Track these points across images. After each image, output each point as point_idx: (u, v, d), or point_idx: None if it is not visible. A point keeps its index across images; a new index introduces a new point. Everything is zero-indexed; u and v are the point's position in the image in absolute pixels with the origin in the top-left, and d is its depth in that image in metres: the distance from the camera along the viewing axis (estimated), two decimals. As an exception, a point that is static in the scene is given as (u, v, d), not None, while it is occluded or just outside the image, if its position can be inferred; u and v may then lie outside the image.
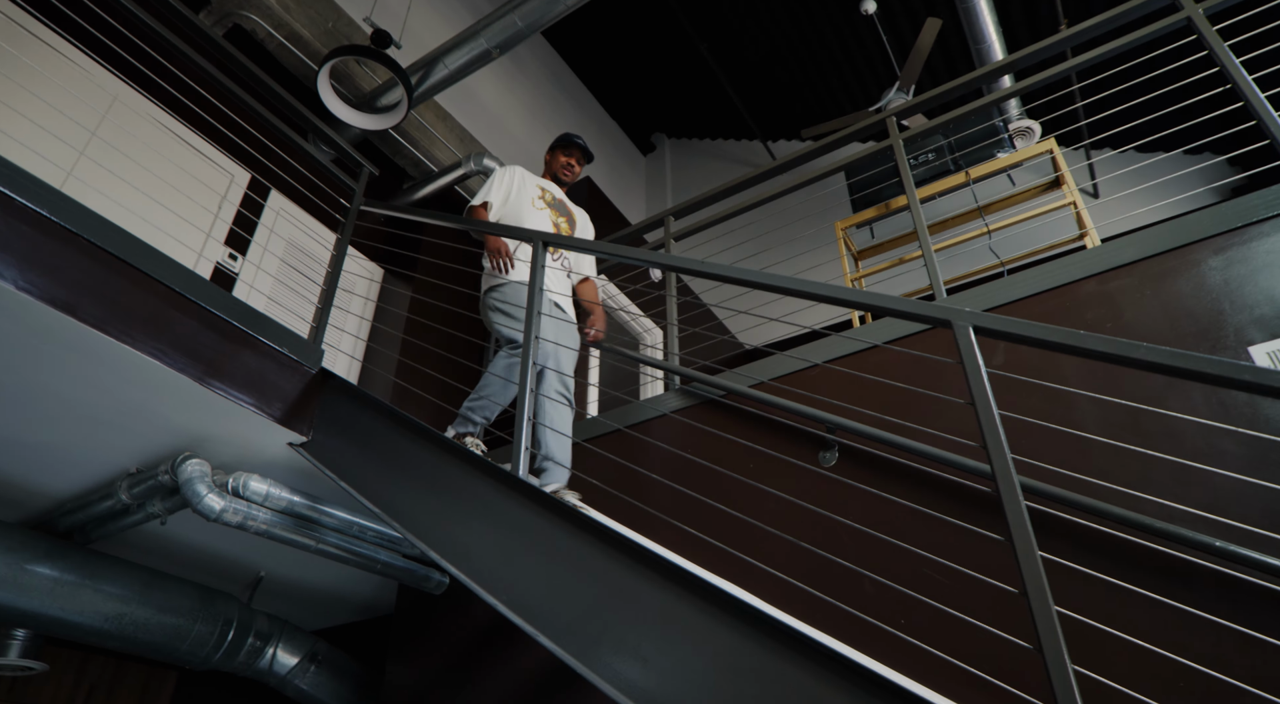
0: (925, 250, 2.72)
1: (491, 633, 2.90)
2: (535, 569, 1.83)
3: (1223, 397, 2.04)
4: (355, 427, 2.56)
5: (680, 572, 1.59)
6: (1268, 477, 1.83)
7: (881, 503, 2.23)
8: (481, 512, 2.01)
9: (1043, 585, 1.24)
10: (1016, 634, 1.57)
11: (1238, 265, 2.20)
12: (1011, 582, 1.45)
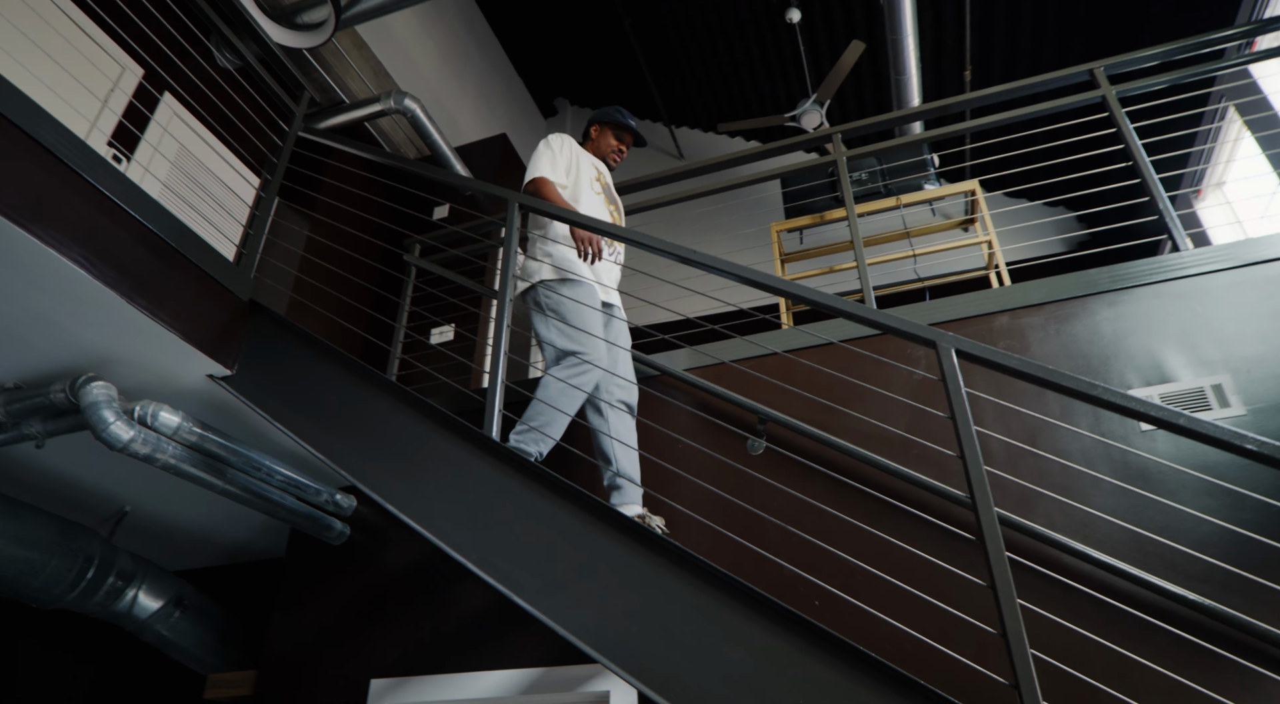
0: (860, 263, 2.94)
1: (392, 589, 2.86)
2: (506, 531, 1.86)
3: (1105, 428, 2.38)
4: (289, 366, 2.44)
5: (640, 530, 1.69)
6: (1134, 501, 2.17)
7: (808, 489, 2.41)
8: (446, 468, 2.00)
9: (1008, 580, 1.43)
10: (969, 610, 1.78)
11: (1125, 320, 2.55)
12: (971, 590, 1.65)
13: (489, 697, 2.52)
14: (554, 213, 2.41)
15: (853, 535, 2.11)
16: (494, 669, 2.56)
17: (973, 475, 1.55)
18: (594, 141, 3.10)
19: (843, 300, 1.81)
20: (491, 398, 2.04)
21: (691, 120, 8.65)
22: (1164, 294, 2.57)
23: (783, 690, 1.49)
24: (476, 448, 1.99)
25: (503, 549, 1.84)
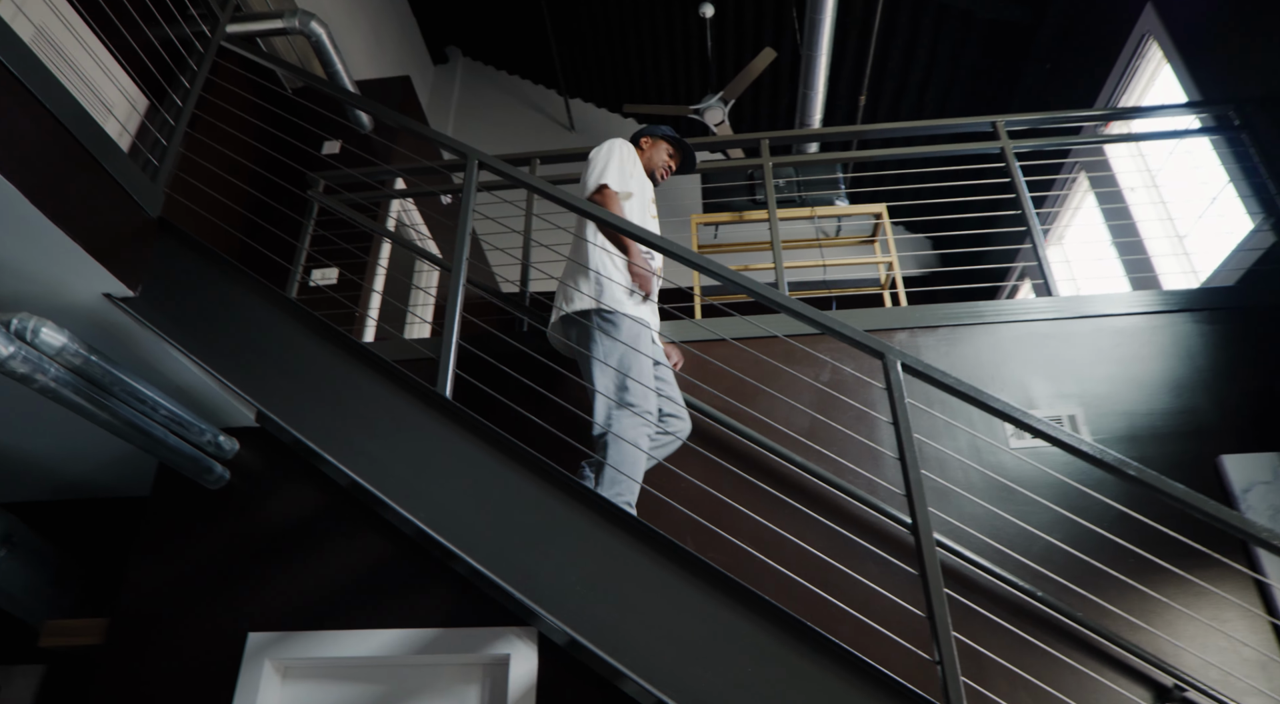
0: (778, 264, 3.12)
1: (276, 540, 2.72)
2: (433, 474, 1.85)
3: (979, 443, 2.69)
4: (201, 294, 2.26)
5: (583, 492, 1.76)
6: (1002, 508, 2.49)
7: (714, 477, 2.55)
8: (387, 418, 1.95)
9: (938, 569, 1.63)
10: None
11: (1003, 350, 2.89)
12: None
13: (381, 655, 2.47)
14: (622, 227, 2.22)
15: (768, 517, 2.27)
16: (388, 627, 2.52)
17: (911, 477, 1.73)
18: (645, 154, 2.93)
19: (803, 304, 1.94)
20: (445, 357, 2.01)
21: (587, 93, 8.62)
22: (1035, 332, 2.94)
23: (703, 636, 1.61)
24: (414, 396, 1.95)
25: (433, 493, 1.83)
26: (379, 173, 3.80)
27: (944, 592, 1.61)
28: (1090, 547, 2.26)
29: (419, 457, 1.87)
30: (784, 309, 2.04)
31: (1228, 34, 3.55)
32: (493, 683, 2.49)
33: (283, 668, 2.55)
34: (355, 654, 2.47)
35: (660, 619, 1.64)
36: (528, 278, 3.19)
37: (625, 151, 2.74)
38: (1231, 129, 3.38)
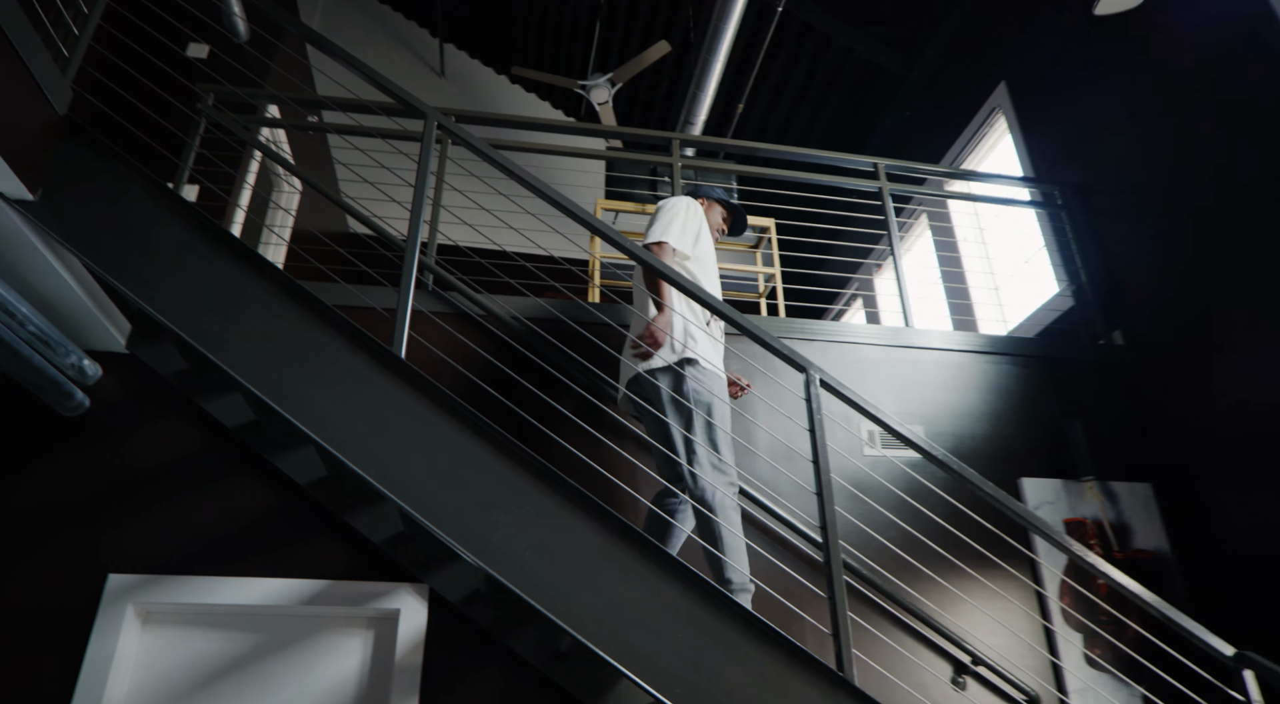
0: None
1: (144, 478, 2.54)
2: (404, 446, 1.88)
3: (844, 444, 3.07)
4: (118, 213, 2.08)
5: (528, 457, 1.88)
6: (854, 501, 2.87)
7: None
8: (338, 372, 1.94)
9: (840, 560, 1.91)
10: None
11: (865, 366, 3.29)
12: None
13: (260, 604, 2.41)
14: (674, 280, 2.24)
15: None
16: (269, 576, 2.46)
17: (823, 478, 2.00)
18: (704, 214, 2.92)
19: (743, 316, 2.16)
20: (401, 317, 2.01)
21: (463, 41, 8.34)
22: (893, 357, 3.37)
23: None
24: (368, 354, 1.95)
25: (386, 453, 1.86)
26: (301, 101, 3.55)
27: (844, 579, 1.89)
28: (915, 544, 2.69)
29: (373, 415, 1.88)
30: (720, 314, 2.24)
31: (1061, 125, 4.20)
32: (377, 636, 2.52)
33: (144, 613, 2.41)
34: (231, 602, 2.40)
35: (607, 588, 1.79)
36: (435, 231, 3.17)
37: (694, 211, 2.76)
38: (1054, 206, 4.02)
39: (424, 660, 2.43)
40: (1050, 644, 2.85)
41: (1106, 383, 3.50)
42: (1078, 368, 3.53)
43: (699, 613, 1.80)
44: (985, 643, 2.79)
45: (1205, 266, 3.26)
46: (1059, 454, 3.23)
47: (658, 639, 1.74)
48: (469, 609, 2.48)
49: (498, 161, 2.30)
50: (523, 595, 1.73)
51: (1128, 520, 3.09)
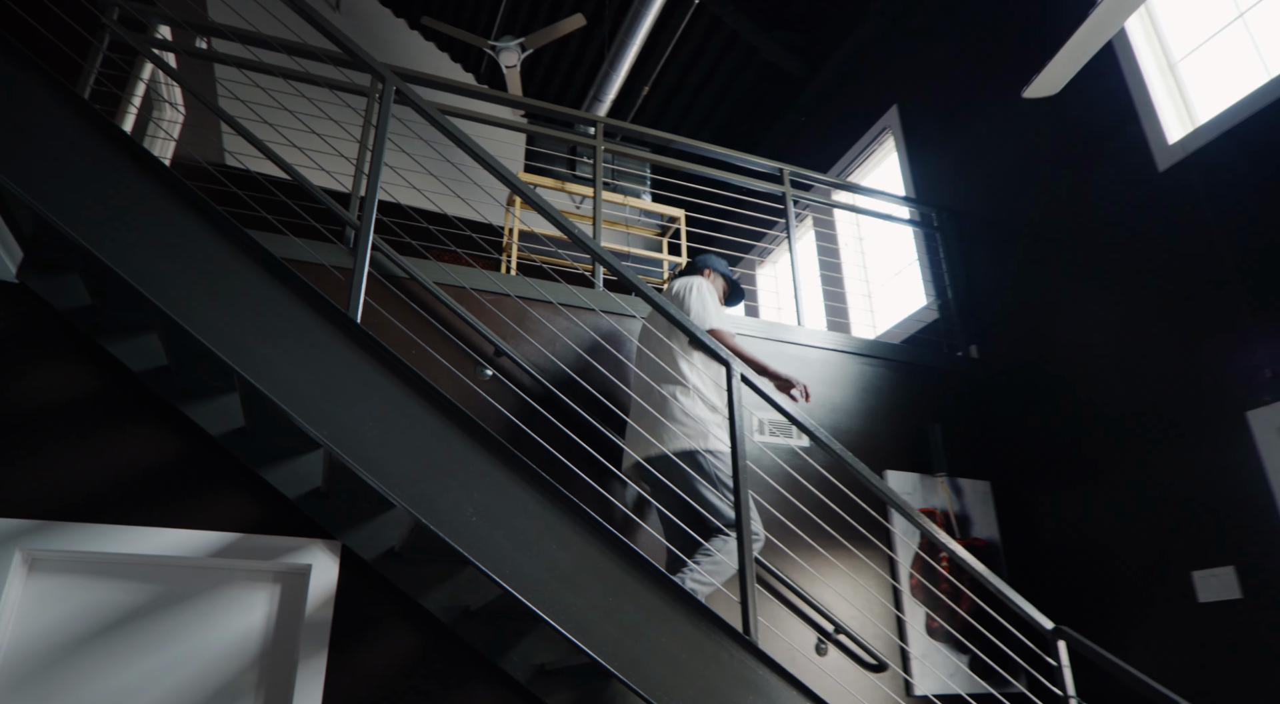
0: (597, 239, 3.45)
1: (39, 417, 2.40)
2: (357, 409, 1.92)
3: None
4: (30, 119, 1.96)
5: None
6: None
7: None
8: (291, 331, 1.94)
9: (750, 535, 2.14)
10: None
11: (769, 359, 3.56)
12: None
13: (162, 554, 2.35)
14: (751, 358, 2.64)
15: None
16: (174, 527, 2.40)
17: (740, 465, 2.21)
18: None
19: (675, 308, 2.32)
20: (358, 282, 2.03)
21: (362, -20, 7.94)
22: (781, 351, 3.66)
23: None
24: (321, 315, 1.95)
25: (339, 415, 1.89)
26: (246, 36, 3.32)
27: (753, 556, 2.12)
28: (792, 523, 2.99)
29: (327, 377, 1.89)
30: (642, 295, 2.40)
31: (943, 153, 4.64)
32: (285, 591, 2.52)
33: (31, 560, 2.30)
34: (129, 551, 2.33)
35: (545, 554, 1.92)
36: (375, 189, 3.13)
37: (712, 291, 2.98)
38: (930, 227, 4.46)
39: (334, 616, 2.47)
40: (899, 616, 3.26)
41: (962, 391, 3.97)
42: (939, 376, 3.97)
43: (629, 581, 1.97)
44: (845, 614, 3.15)
45: (1047, 295, 3.76)
46: (919, 451, 3.65)
47: (585, 599, 1.89)
48: (382, 567, 2.54)
49: (457, 137, 2.34)
50: (470, 557, 1.83)
51: (969, 512, 3.55)
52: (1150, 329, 3.27)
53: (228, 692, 2.37)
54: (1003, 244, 4.13)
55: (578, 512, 1.98)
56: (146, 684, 2.29)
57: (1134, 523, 3.22)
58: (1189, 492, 3.02)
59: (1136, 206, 3.39)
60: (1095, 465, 3.41)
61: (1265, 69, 3.05)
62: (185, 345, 2.39)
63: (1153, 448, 3.19)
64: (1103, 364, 3.45)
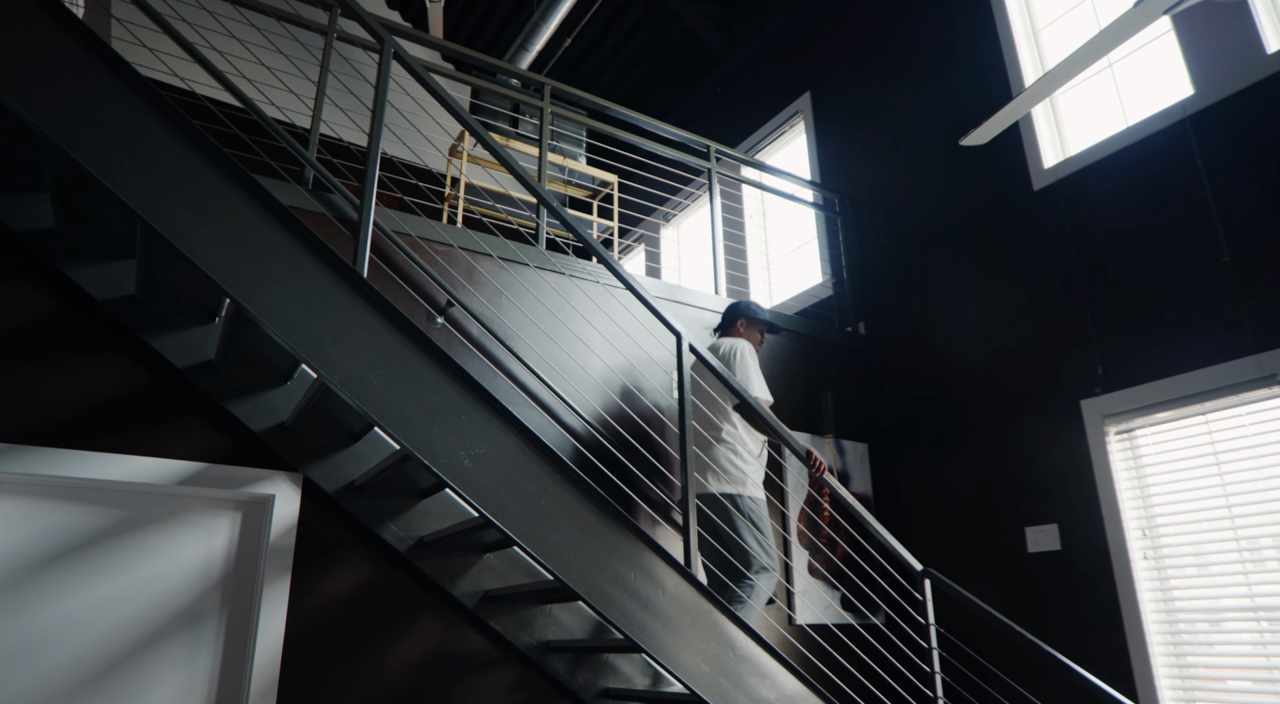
0: (540, 200, 3.63)
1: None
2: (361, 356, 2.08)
3: (662, 384, 3.64)
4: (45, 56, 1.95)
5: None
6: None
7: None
8: (300, 278, 2.05)
9: (690, 459, 2.48)
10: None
11: (681, 319, 3.89)
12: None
13: (124, 480, 2.42)
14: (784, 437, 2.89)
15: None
16: (139, 454, 2.46)
17: (686, 424, 2.54)
18: (742, 333, 3.49)
19: (634, 277, 2.59)
20: (364, 235, 2.16)
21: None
22: (699, 316, 4.00)
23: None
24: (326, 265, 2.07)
25: (345, 362, 2.05)
26: None
27: (694, 499, 2.46)
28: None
29: (335, 324, 2.03)
30: (602, 260, 2.65)
31: (849, 141, 5.08)
32: (246, 519, 2.64)
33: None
34: (91, 477, 2.39)
35: (531, 497, 2.17)
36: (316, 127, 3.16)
37: (753, 354, 3.34)
38: (833, 211, 4.91)
39: (296, 543, 2.62)
40: (785, 560, 3.75)
41: (850, 363, 4.48)
42: (831, 348, 4.46)
43: (596, 523, 2.27)
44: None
45: (930, 283, 4.30)
46: (812, 415, 4.13)
47: (560, 536, 2.18)
48: (342, 499, 2.71)
49: (444, 98, 2.46)
50: (456, 488, 2.05)
51: (849, 470, 4.08)
52: (1012, 322, 3.86)
53: (191, 612, 2.49)
54: (894, 232, 4.63)
55: (557, 461, 2.24)
56: (111, 604, 2.38)
57: (983, 485, 3.84)
58: (1029, 462, 3.65)
59: (1012, 216, 3.95)
60: (956, 434, 4.02)
61: (1124, 118, 3.63)
62: (165, 277, 2.42)
63: (1004, 423, 3.80)
64: (971, 348, 4.03)
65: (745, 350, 3.30)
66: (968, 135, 2.74)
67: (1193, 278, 3.17)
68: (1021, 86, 3.99)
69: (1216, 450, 3.07)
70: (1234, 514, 2.99)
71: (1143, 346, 3.30)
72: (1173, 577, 3.14)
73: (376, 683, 2.66)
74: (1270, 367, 2.88)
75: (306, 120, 6.07)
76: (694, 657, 2.26)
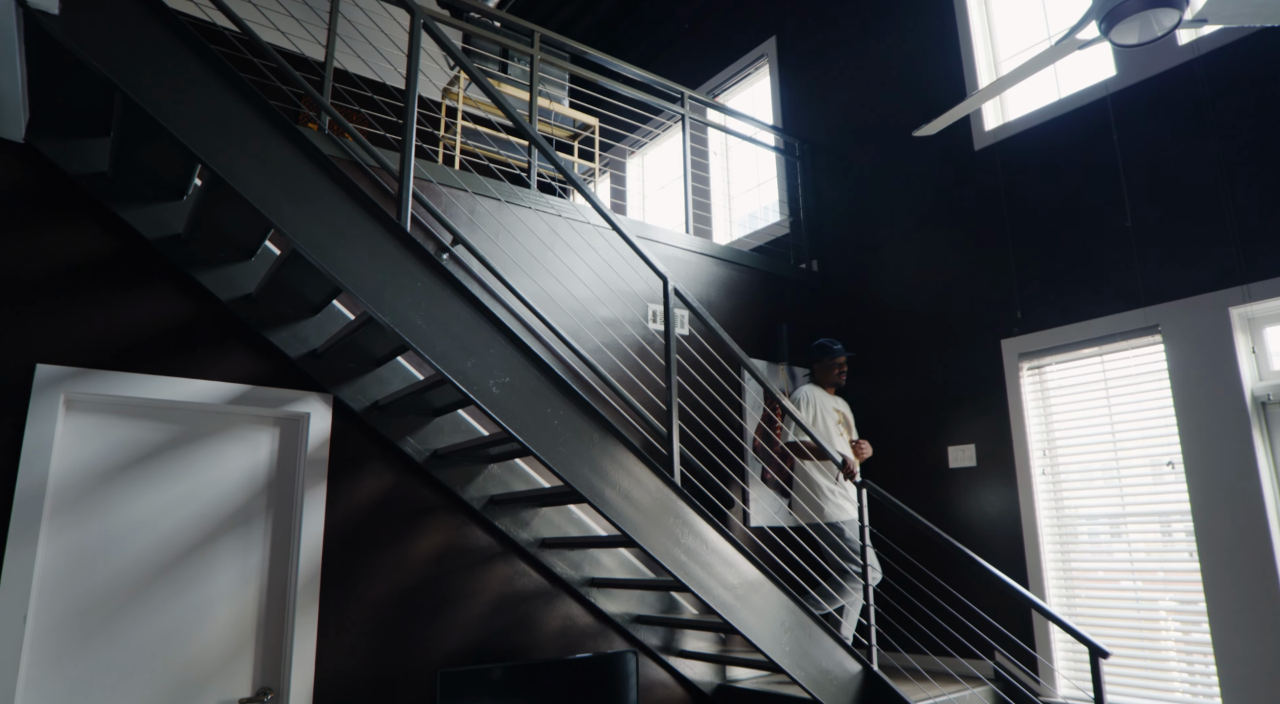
0: (532, 140, 3.92)
1: (64, 276, 2.62)
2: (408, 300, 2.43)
3: (631, 319, 4.06)
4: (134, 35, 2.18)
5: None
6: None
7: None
8: (356, 232, 2.37)
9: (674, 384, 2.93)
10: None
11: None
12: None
13: (181, 400, 2.75)
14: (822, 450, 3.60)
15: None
16: (193, 377, 2.79)
17: (671, 358, 2.97)
18: (820, 376, 4.13)
19: (619, 218, 2.96)
20: (405, 193, 2.47)
21: None
22: (667, 253, 4.39)
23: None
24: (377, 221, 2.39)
25: (395, 304, 2.40)
26: None
27: (676, 423, 2.92)
28: (680, 396, 3.84)
29: (386, 273, 2.36)
30: (597, 208, 3.01)
31: (809, 88, 5.41)
32: (284, 434, 3.01)
33: (69, 401, 2.61)
34: (162, 397, 2.71)
35: (545, 417, 2.58)
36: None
37: (807, 400, 4.00)
38: (793, 155, 5.28)
39: (330, 455, 3.01)
40: (744, 468, 4.29)
41: (804, 297, 4.95)
42: (787, 283, 4.92)
43: (599, 439, 2.70)
44: (705, 466, 4.12)
45: (877, 226, 4.76)
46: (768, 344, 4.61)
47: (569, 450, 2.62)
48: (368, 417, 3.09)
49: (480, 81, 2.73)
50: (488, 410, 2.45)
51: (799, 394, 4.61)
52: (948, 265, 4.36)
53: (242, 513, 2.88)
54: (849, 177, 5.05)
55: (566, 387, 2.66)
56: (174, 506, 2.75)
57: (914, 409, 4.42)
58: (954, 390, 4.22)
59: (954, 171, 4.39)
60: (893, 364, 4.56)
61: (1058, 89, 4.06)
62: (217, 217, 2.68)
63: (935, 356, 4.35)
64: (910, 287, 4.54)
65: (803, 396, 4.02)
66: (921, 128, 3.12)
67: (1100, 239, 3.69)
68: (971, 56, 4.38)
69: (1108, 385, 3.66)
70: (1116, 437, 3.61)
71: (1056, 295, 3.84)
72: (1064, 489, 3.78)
73: (399, 572, 3.11)
74: (1154, 318, 3.44)
75: (307, 47, 6.06)
76: (674, 547, 2.75)
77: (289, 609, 2.88)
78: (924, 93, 4.61)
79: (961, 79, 4.40)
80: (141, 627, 2.64)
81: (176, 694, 2.66)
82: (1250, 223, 3.23)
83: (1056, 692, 3.65)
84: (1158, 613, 3.42)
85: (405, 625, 3.09)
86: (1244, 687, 3.03)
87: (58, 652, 2.49)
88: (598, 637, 3.55)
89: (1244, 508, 3.10)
